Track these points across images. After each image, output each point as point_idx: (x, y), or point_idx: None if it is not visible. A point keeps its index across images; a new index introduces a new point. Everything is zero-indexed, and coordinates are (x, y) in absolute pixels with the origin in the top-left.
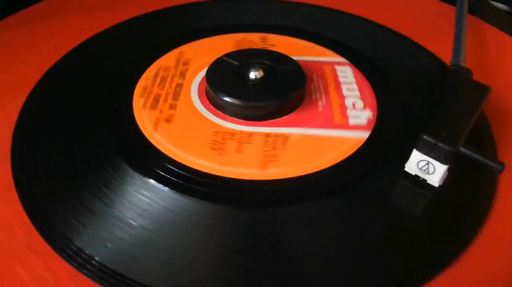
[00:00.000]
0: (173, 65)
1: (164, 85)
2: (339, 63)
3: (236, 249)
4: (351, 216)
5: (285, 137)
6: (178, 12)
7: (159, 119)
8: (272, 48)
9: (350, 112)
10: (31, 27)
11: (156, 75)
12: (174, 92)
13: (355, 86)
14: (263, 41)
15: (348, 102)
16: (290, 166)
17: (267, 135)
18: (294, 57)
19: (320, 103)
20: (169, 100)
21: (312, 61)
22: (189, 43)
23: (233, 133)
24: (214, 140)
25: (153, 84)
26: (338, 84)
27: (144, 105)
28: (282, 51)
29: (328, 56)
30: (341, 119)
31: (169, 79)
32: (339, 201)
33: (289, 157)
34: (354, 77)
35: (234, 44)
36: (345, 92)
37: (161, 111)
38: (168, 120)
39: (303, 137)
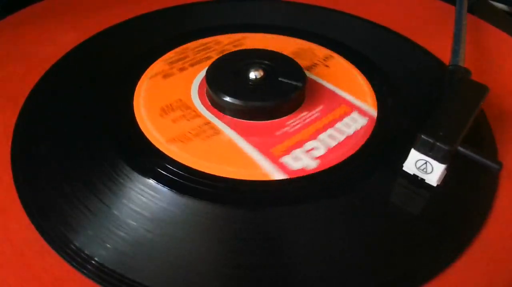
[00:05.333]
0: (225, 43)
1: (199, 53)
2: (361, 112)
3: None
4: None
5: (216, 132)
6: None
7: (161, 72)
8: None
9: (296, 152)
10: (31, 27)
11: (204, 44)
12: (197, 61)
13: (342, 137)
14: (324, 59)
15: (310, 144)
16: (191, 154)
17: (207, 123)
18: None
19: (286, 129)
20: (186, 65)
21: (340, 96)
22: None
23: (188, 107)
24: (169, 104)
25: (194, 49)
26: (328, 126)
27: (166, 60)
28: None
29: (362, 101)
30: (278, 152)
31: (209, 50)
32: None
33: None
34: (354, 131)
35: (294, 49)
36: (322, 136)
37: (171, 68)
38: (166, 76)
39: (228, 141)
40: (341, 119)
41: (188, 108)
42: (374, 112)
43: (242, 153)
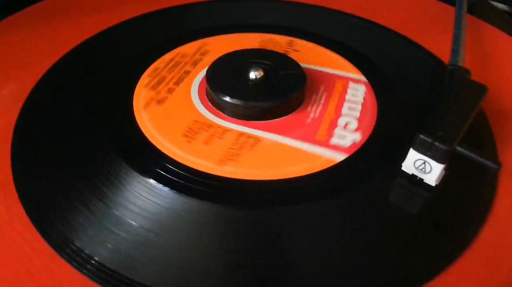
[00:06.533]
0: (191, 53)
1: (174, 70)
2: (355, 81)
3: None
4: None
5: (257, 140)
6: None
7: (152, 99)
8: (295, 54)
9: (337, 131)
10: (31, 27)
11: (171, 60)
12: (178, 78)
13: (359, 107)
14: (289, 45)
15: (342, 121)
16: (249, 168)
17: (241, 134)
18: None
19: (312, 115)
20: (170, 85)
21: (328, 73)
22: (214, 36)
23: (210, 125)
24: (189, 128)
25: (164, 68)
26: (341, 101)
27: (146, 86)
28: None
29: (347, 71)
30: (323, 136)
31: (181, 65)
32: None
33: (251, 160)
34: (364, 98)
35: (258, 43)
36: (344, 110)
37: (158, 93)
38: (160, 102)
39: (274, 144)
40: (345, 92)
41: (211, 126)
42: (363, 77)
43: (294, 150)
